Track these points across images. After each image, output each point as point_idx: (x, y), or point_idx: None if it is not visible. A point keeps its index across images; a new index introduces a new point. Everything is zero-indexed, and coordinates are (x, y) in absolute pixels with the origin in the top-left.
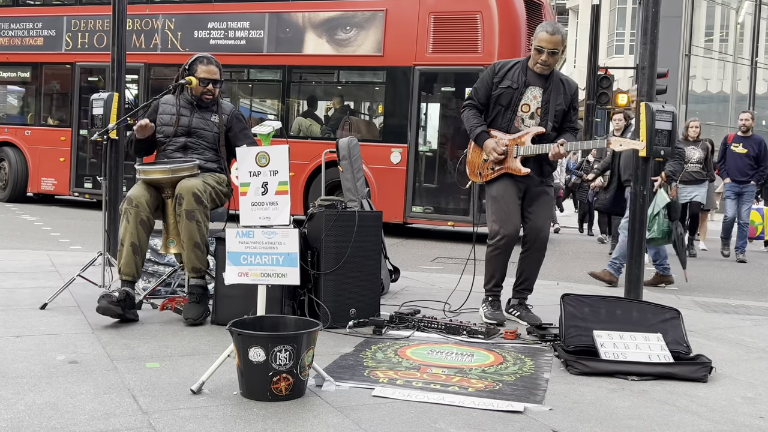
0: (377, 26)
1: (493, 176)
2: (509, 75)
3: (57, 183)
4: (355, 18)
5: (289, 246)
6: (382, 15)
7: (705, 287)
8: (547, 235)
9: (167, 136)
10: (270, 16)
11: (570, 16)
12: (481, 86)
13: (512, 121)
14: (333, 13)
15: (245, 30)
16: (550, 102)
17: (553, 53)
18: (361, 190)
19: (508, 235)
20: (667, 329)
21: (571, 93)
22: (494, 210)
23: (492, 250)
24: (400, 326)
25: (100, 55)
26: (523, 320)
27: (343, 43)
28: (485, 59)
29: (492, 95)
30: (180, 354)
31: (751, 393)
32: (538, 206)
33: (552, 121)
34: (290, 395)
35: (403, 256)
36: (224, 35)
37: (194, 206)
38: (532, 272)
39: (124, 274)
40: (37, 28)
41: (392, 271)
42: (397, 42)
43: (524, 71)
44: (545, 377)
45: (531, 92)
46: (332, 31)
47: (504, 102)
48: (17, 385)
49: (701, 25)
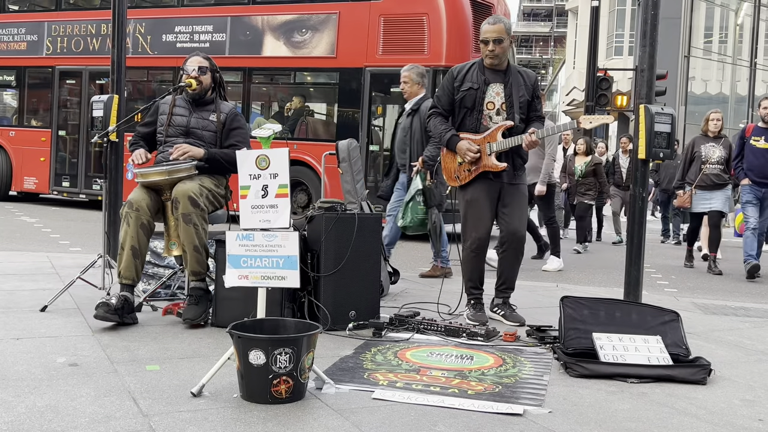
0: (331, 28)
1: (471, 177)
2: (468, 77)
3: (38, 182)
4: (311, 21)
5: (289, 249)
6: (336, 17)
7: (704, 289)
8: (523, 235)
9: (166, 136)
10: (232, 19)
11: (569, 18)
12: (443, 93)
13: (480, 121)
14: (289, 16)
15: (209, 33)
16: (513, 95)
17: (498, 41)
18: (361, 193)
19: (479, 238)
20: (667, 331)
21: (531, 83)
22: (468, 214)
23: (466, 254)
24: (400, 328)
25: (78, 59)
26: (507, 320)
27: (299, 45)
28: (432, 60)
29: (455, 100)
30: (180, 356)
31: (750, 395)
32: (512, 206)
33: (518, 113)
34: (290, 398)
35: (402, 258)
36: (190, 38)
37: (190, 210)
38: (511, 271)
39: (124, 278)
40: (21, 33)
41: (392, 273)
42: (350, 44)
43: (482, 70)
44: (545, 380)
45: (493, 89)
46: (289, 34)
47: (468, 104)
48: (17, 387)
49: (700, 27)
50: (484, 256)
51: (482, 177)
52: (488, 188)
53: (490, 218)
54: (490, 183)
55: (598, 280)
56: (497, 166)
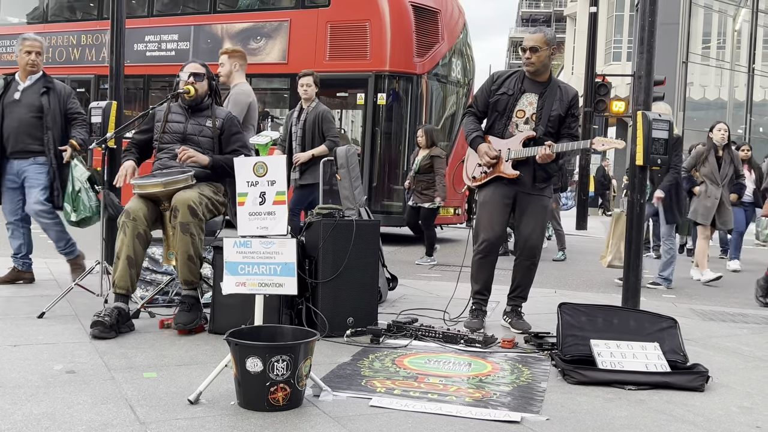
0: (283, 35)
1: (485, 180)
2: (506, 83)
3: None
4: (265, 28)
5: (287, 256)
6: (287, 25)
7: (702, 295)
8: (537, 244)
9: (162, 143)
10: (195, 28)
11: (568, 23)
12: (480, 94)
13: (507, 127)
14: (246, 24)
15: (174, 42)
16: (545, 108)
17: (534, 49)
18: (359, 199)
19: (488, 240)
20: (664, 338)
21: (569, 99)
22: (479, 215)
23: (475, 255)
24: (398, 335)
25: (60, 69)
26: (514, 327)
27: (255, 52)
28: (374, 65)
29: (489, 102)
30: (177, 363)
31: (748, 402)
32: (528, 214)
33: (545, 126)
34: (287, 405)
35: (400, 264)
36: (158, 47)
37: (189, 219)
38: (523, 280)
39: (119, 288)
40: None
41: (390, 279)
42: (300, 50)
43: (521, 80)
44: (542, 387)
45: (527, 98)
46: (246, 41)
47: (500, 108)
48: (14, 395)
49: (698, 33)
50: (494, 260)
51: (497, 180)
52: (502, 193)
53: (500, 223)
54: (504, 187)
55: (597, 285)
56: (510, 173)
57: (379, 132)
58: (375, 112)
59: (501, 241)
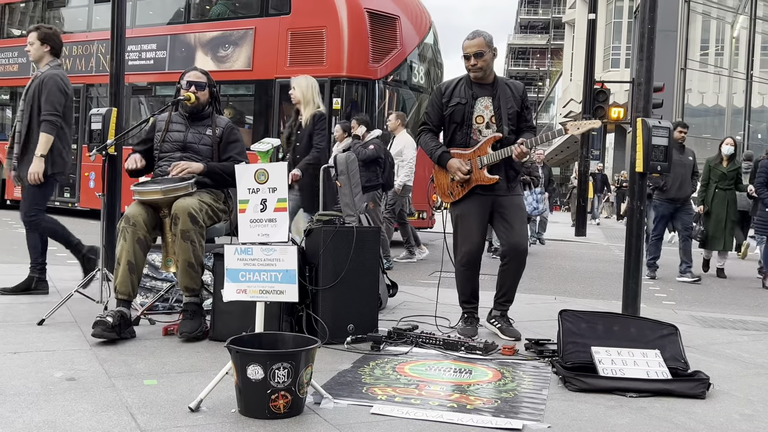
0: (248, 43)
1: (465, 192)
2: (456, 92)
3: None
4: (232, 36)
5: (288, 263)
6: (252, 32)
7: (702, 302)
8: (526, 248)
9: (162, 152)
10: (171, 37)
11: (566, 30)
12: (432, 109)
13: (469, 135)
14: (215, 33)
15: (153, 51)
16: (501, 107)
17: (478, 55)
18: (359, 206)
19: (468, 253)
20: (665, 345)
21: (520, 93)
22: (458, 228)
23: (458, 268)
24: (399, 342)
25: None
26: (504, 333)
27: (223, 60)
28: (330, 71)
29: (444, 115)
30: (178, 371)
31: (749, 410)
32: (511, 219)
33: (507, 125)
34: (288, 413)
35: (400, 271)
36: (139, 56)
37: (190, 227)
38: (511, 284)
39: (120, 293)
40: (14, 56)
41: (390, 285)
42: (264, 57)
43: (469, 85)
44: (543, 394)
45: (481, 103)
46: (215, 49)
47: (457, 119)
48: (15, 402)
49: (696, 39)
50: (476, 270)
51: (472, 192)
52: (479, 203)
53: (479, 233)
54: (480, 198)
55: (597, 292)
56: (489, 179)
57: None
58: (330, 117)
59: (482, 250)
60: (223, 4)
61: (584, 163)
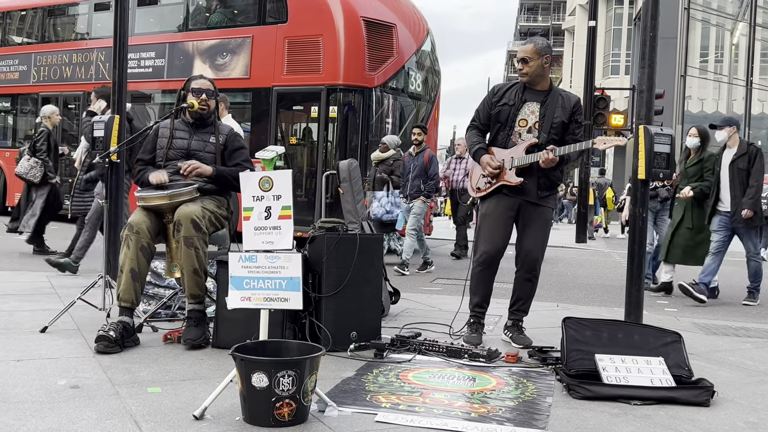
0: (245, 51)
1: (490, 189)
2: (507, 94)
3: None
4: (230, 44)
5: (292, 270)
6: (249, 41)
7: (704, 309)
8: (537, 258)
9: (167, 159)
10: (170, 45)
11: (566, 37)
12: (482, 107)
13: (510, 136)
14: (213, 41)
15: (152, 59)
16: (547, 115)
17: (524, 60)
18: (362, 213)
19: (487, 252)
20: (669, 353)
21: (571, 106)
22: (480, 227)
23: (474, 267)
24: (402, 349)
25: (57, 86)
26: (515, 342)
27: (221, 68)
28: (326, 79)
29: (491, 114)
30: (181, 378)
31: (754, 417)
32: (530, 227)
33: (548, 134)
34: (293, 421)
35: (402, 278)
36: (138, 64)
37: (192, 233)
38: (523, 294)
39: (123, 301)
40: (14, 65)
41: (392, 293)
42: (261, 65)
43: (521, 90)
44: (547, 401)
45: (528, 107)
46: (213, 58)
47: (502, 119)
48: (19, 410)
49: (696, 46)
50: (493, 272)
51: (501, 192)
52: (505, 204)
53: (501, 235)
54: (507, 199)
55: (598, 299)
56: (513, 181)
57: (332, 145)
58: (327, 125)
59: (501, 254)
60: (221, 13)
61: (584, 170)
